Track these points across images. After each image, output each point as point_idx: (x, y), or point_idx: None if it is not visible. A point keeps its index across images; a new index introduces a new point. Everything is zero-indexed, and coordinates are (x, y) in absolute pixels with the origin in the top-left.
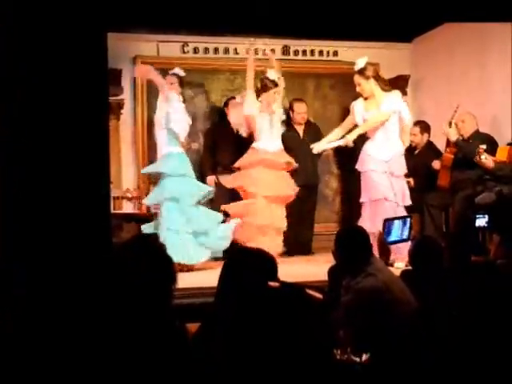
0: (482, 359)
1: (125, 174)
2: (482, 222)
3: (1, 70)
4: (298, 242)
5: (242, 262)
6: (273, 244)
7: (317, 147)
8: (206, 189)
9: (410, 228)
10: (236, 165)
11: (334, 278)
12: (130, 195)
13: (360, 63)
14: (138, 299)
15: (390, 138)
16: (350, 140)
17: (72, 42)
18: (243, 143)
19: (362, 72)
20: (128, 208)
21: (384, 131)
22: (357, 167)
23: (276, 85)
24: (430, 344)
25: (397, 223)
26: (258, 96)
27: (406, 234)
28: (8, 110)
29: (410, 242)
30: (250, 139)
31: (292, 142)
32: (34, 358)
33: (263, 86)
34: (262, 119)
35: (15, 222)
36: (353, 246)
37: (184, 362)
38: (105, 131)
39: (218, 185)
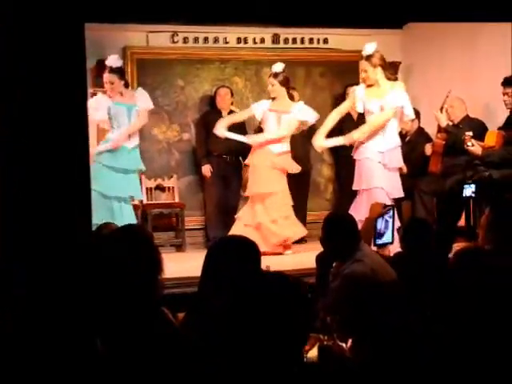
0: (476, 354)
1: None
2: (468, 191)
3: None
4: None
5: (224, 250)
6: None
7: (318, 144)
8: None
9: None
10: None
11: (322, 265)
12: None
13: (368, 49)
14: (126, 289)
15: (387, 130)
16: (354, 139)
17: (64, 37)
18: (235, 131)
19: (369, 59)
20: None
21: None
22: (353, 155)
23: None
24: (426, 334)
25: (390, 220)
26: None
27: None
28: (8, 110)
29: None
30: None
31: None
32: (34, 357)
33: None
34: None
35: (15, 221)
36: (340, 233)
37: (170, 352)
38: (84, 124)
39: (213, 173)
